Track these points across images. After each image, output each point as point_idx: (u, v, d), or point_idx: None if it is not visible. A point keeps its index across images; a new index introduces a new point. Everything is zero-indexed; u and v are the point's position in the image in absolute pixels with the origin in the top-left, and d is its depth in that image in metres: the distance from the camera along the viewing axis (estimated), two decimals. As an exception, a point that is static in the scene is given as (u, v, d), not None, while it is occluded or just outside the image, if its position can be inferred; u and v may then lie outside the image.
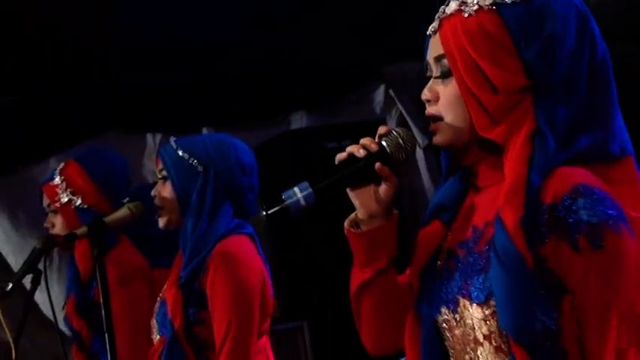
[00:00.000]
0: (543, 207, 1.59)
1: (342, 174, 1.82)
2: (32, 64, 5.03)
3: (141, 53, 5.08)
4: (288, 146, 5.23)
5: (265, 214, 1.81)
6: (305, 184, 1.80)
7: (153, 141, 5.66)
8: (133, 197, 3.07)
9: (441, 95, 1.75)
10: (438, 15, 1.76)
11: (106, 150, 3.56)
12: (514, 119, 1.67)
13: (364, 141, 1.83)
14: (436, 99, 1.75)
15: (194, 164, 2.87)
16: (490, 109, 1.67)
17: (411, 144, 1.82)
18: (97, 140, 5.30)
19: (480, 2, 1.70)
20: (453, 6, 1.73)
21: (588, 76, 1.69)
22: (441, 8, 1.76)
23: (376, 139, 1.83)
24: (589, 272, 1.57)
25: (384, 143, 1.82)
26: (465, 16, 1.70)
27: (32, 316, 2.84)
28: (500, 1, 1.69)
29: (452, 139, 1.74)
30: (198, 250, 2.81)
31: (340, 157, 1.82)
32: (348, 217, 1.87)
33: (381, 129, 1.83)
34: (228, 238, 2.83)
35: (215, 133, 5.29)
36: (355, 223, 1.86)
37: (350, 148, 1.82)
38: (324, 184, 1.81)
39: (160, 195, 2.91)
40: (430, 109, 1.77)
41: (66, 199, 3.31)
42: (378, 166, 1.80)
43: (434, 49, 1.76)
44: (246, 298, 2.79)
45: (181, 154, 2.89)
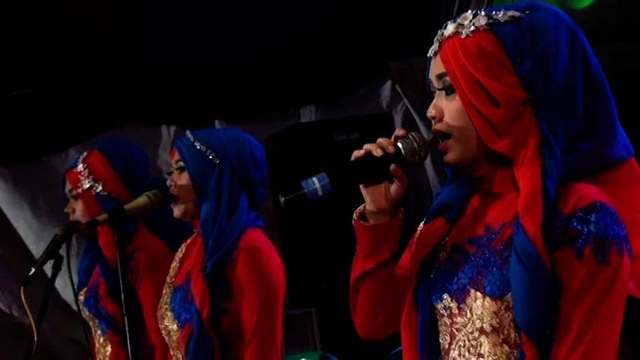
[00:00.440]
0: (562, 215, 1.66)
1: (358, 171, 1.85)
2: (53, 58, 5.05)
3: (157, 48, 5.10)
4: (298, 138, 5.25)
5: (284, 199, 1.83)
6: (323, 174, 1.84)
7: (167, 133, 5.69)
8: (147, 188, 3.09)
9: (445, 111, 1.79)
10: (436, 38, 1.81)
11: (127, 141, 3.61)
12: (518, 131, 1.72)
13: (382, 142, 1.86)
14: (441, 116, 1.80)
15: (211, 156, 2.88)
16: (494, 122, 1.72)
17: (424, 150, 1.86)
18: (113, 132, 5.34)
19: (476, 23, 1.75)
20: (450, 29, 1.79)
21: (584, 88, 1.74)
22: (439, 32, 1.81)
23: (392, 139, 1.87)
24: (587, 282, 1.63)
25: (400, 145, 1.86)
26: (463, 37, 1.76)
27: (51, 300, 2.84)
28: (493, 22, 1.75)
29: (462, 156, 1.79)
30: (223, 241, 2.82)
31: (357, 154, 1.86)
32: (357, 209, 1.92)
33: (398, 131, 1.88)
34: (250, 230, 2.86)
35: (227, 126, 5.32)
36: (363, 216, 1.91)
37: (367, 146, 1.86)
38: (341, 177, 1.85)
39: (177, 185, 2.92)
40: (437, 126, 1.81)
41: (87, 186, 3.35)
42: (393, 167, 1.85)
43: (435, 68, 1.81)
44: (273, 290, 2.82)
45: (199, 146, 2.90)
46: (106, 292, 3.20)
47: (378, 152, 1.84)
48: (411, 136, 1.86)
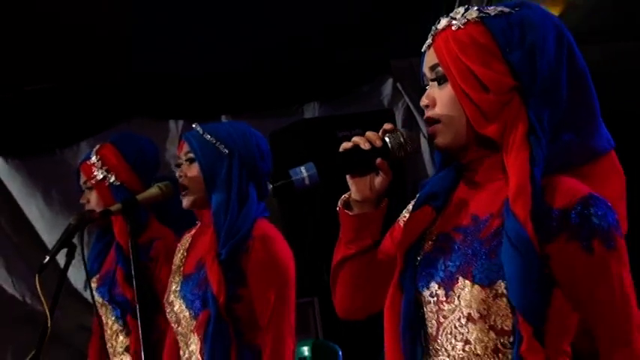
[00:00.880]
0: (554, 210, 1.69)
1: (345, 162, 1.88)
2: (66, 55, 5.07)
3: (164, 45, 5.11)
4: (302, 133, 5.26)
5: (272, 187, 1.87)
6: (311, 164, 1.87)
7: (175, 127, 5.70)
8: (157, 182, 3.10)
9: (437, 99, 1.82)
10: (430, 32, 1.85)
11: (137, 135, 3.63)
12: (507, 117, 1.75)
13: (370, 135, 1.89)
14: (433, 103, 1.83)
15: (220, 147, 2.89)
16: (483, 107, 1.76)
17: (411, 145, 1.88)
18: (123, 126, 5.36)
19: (468, 16, 1.80)
20: (443, 22, 1.83)
21: (569, 82, 1.78)
22: (433, 27, 1.85)
23: (380, 133, 1.89)
24: (605, 270, 1.68)
25: (387, 140, 1.88)
26: (455, 29, 1.80)
27: (64, 287, 2.85)
28: (485, 15, 1.79)
29: (451, 140, 1.81)
30: (235, 230, 2.83)
31: (345, 146, 1.89)
32: (342, 197, 1.96)
33: (386, 125, 1.91)
34: (261, 220, 2.87)
35: (234, 120, 5.33)
36: (347, 204, 1.94)
37: (356, 139, 1.89)
38: (328, 168, 1.87)
39: (187, 175, 2.93)
40: (428, 112, 1.84)
41: (101, 176, 3.37)
42: (379, 161, 1.87)
43: (429, 60, 1.85)
44: (287, 276, 2.84)
45: (208, 138, 2.91)
46: (124, 278, 3.22)
47: (366, 145, 1.87)
48: (398, 132, 1.89)
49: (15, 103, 5.28)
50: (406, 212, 1.98)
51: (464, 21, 1.79)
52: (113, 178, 3.36)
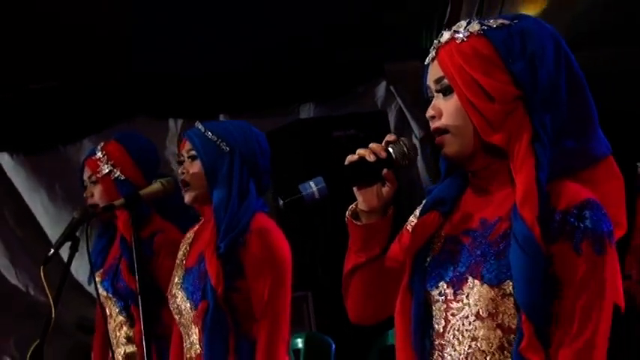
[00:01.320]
0: (557, 212, 1.71)
1: (353, 174, 1.89)
2: (68, 55, 5.07)
3: (164, 45, 5.12)
4: (298, 133, 5.28)
5: (283, 202, 1.87)
6: (319, 178, 1.87)
7: (175, 126, 5.72)
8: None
9: (443, 110, 1.84)
10: (433, 46, 1.86)
11: (140, 134, 3.66)
12: (512, 125, 1.77)
13: (374, 147, 1.89)
14: (440, 114, 1.84)
15: (221, 145, 2.91)
16: (489, 116, 1.78)
17: (414, 154, 1.90)
18: (125, 124, 5.36)
19: (470, 29, 1.81)
20: (446, 36, 1.84)
21: (568, 89, 1.80)
22: (435, 41, 1.87)
23: (383, 144, 1.91)
24: (590, 272, 1.70)
25: (391, 150, 1.89)
26: (458, 42, 1.81)
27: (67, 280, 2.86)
28: (487, 28, 1.81)
29: (459, 149, 1.83)
30: (235, 224, 2.85)
31: (351, 158, 1.89)
32: (350, 208, 1.96)
33: (389, 137, 1.92)
34: (259, 214, 2.88)
35: (232, 119, 5.34)
36: (355, 214, 1.95)
37: (361, 152, 1.89)
38: (336, 181, 1.88)
39: (189, 172, 2.95)
40: (435, 123, 1.85)
41: (107, 171, 3.39)
42: (385, 172, 1.88)
43: (433, 73, 1.86)
44: (283, 268, 2.85)
45: (209, 136, 2.93)
46: (128, 269, 3.22)
47: (371, 157, 1.87)
48: (401, 142, 1.90)
49: (20, 101, 5.29)
50: (413, 218, 1.99)
51: (467, 34, 1.80)
52: (118, 173, 3.38)
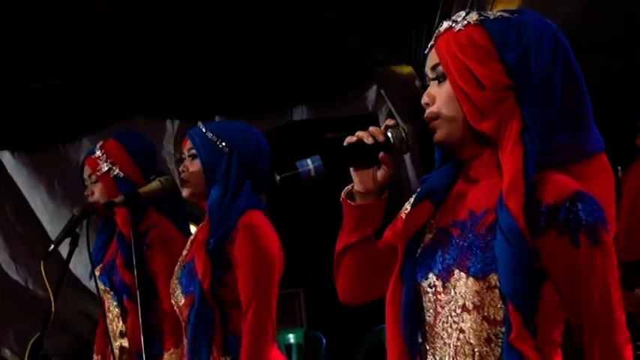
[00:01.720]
0: (543, 206, 1.68)
1: (350, 155, 1.89)
2: (69, 55, 5.07)
3: (164, 45, 5.12)
4: (292, 134, 5.29)
5: (279, 177, 1.86)
6: (317, 157, 1.86)
7: (171, 126, 5.73)
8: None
9: (436, 96, 1.84)
10: (434, 35, 1.86)
11: (138, 133, 3.66)
12: (501, 114, 1.77)
13: (373, 130, 1.90)
14: (433, 101, 1.85)
15: (221, 145, 2.93)
16: (479, 104, 1.77)
17: (412, 140, 1.89)
18: (123, 124, 5.37)
19: (468, 19, 1.82)
20: (445, 25, 1.85)
21: (563, 84, 1.79)
22: (436, 31, 1.87)
23: (383, 128, 1.91)
24: (590, 264, 1.69)
25: (390, 135, 1.89)
26: (456, 31, 1.81)
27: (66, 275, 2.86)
28: (484, 18, 1.81)
29: (449, 135, 1.83)
30: (225, 221, 2.88)
31: (350, 140, 1.89)
32: (345, 189, 1.97)
33: (389, 121, 1.93)
34: (250, 212, 2.90)
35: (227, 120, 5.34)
36: (350, 195, 1.96)
37: (360, 134, 1.90)
38: (333, 160, 1.88)
39: (189, 170, 2.97)
40: (428, 110, 1.86)
41: (106, 169, 3.40)
42: (382, 155, 1.89)
43: (430, 60, 1.86)
44: (268, 264, 2.85)
45: (210, 136, 2.95)
46: (124, 264, 3.24)
47: (369, 140, 1.88)
48: (400, 127, 1.90)
49: (21, 100, 5.30)
50: (408, 205, 1.99)
51: (464, 23, 1.80)
52: (117, 171, 3.39)
